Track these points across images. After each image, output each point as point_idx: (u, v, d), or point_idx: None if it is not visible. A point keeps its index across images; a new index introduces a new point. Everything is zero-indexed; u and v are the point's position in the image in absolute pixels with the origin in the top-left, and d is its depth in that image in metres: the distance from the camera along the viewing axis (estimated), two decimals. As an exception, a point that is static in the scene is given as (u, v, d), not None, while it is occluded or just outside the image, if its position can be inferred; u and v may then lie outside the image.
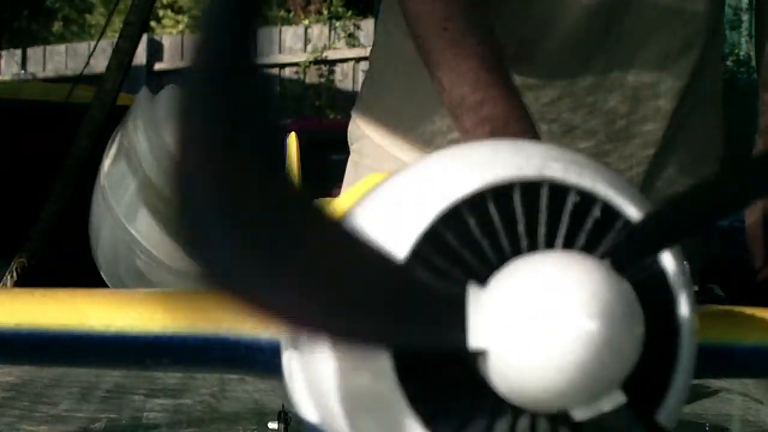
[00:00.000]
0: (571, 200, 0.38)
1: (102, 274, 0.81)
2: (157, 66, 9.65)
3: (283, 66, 9.15)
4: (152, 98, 0.91)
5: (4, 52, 10.47)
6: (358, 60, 8.96)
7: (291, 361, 0.46)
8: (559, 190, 0.38)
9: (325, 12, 9.64)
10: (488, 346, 0.36)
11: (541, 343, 0.35)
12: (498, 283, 0.36)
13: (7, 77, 9.77)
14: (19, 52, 10.41)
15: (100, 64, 2.90)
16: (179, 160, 0.30)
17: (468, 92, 1.15)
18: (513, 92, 1.25)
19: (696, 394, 1.14)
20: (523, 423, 0.38)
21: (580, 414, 0.37)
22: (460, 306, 0.36)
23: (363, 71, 9.37)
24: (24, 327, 0.54)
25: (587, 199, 0.38)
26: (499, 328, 0.36)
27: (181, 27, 12.57)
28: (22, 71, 9.97)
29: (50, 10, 12.58)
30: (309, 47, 9.09)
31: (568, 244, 0.38)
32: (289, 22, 10.15)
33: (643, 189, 1.73)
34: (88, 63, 4.41)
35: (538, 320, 0.35)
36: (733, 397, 1.17)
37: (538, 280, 0.34)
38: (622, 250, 0.37)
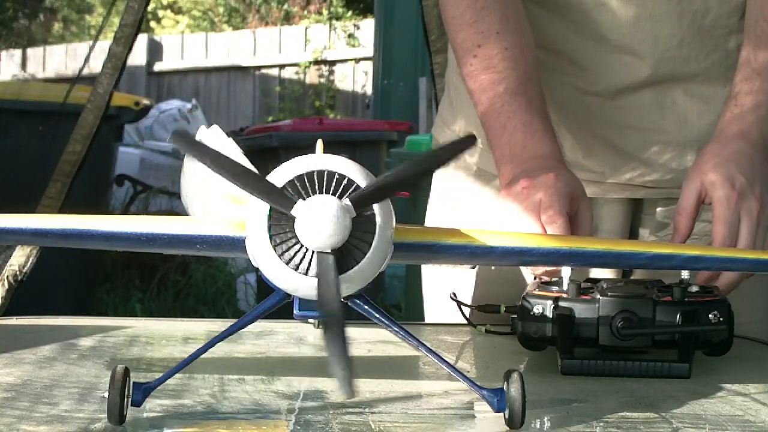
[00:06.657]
0: (335, 177, 0.94)
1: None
2: (157, 66, 9.65)
3: (283, 66, 9.16)
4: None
5: (3, 52, 10.46)
6: (358, 60, 8.95)
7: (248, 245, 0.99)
8: (330, 174, 0.94)
9: (325, 12, 9.65)
10: (298, 216, 0.92)
11: (317, 218, 0.92)
12: (309, 199, 0.93)
13: (6, 77, 9.76)
14: (18, 52, 10.41)
15: (100, 64, 2.90)
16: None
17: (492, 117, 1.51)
18: (532, 117, 1.37)
19: (695, 394, 1.15)
20: (303, 250, 0.94)
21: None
22: (294, 202, 0.93)
23: (363, 71, 9.38)
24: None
25: (341, 177, 0.94)
26: (303, 211, 0.92)
27: (181, 27, 12.58)
28: (22, 72, 9.97)
29: (50, 10, 12.58)
30: (309, 47, 9.08)
31: (333, 193, 0.94)
32: (289, 22, 10.16)
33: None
34: (85, 64, 4.39)
35: (318, 210, 0.92)
36: (733, 397, 1.17)
37: (321, 201, 0.92)
38: (349, 194, 0.94)
